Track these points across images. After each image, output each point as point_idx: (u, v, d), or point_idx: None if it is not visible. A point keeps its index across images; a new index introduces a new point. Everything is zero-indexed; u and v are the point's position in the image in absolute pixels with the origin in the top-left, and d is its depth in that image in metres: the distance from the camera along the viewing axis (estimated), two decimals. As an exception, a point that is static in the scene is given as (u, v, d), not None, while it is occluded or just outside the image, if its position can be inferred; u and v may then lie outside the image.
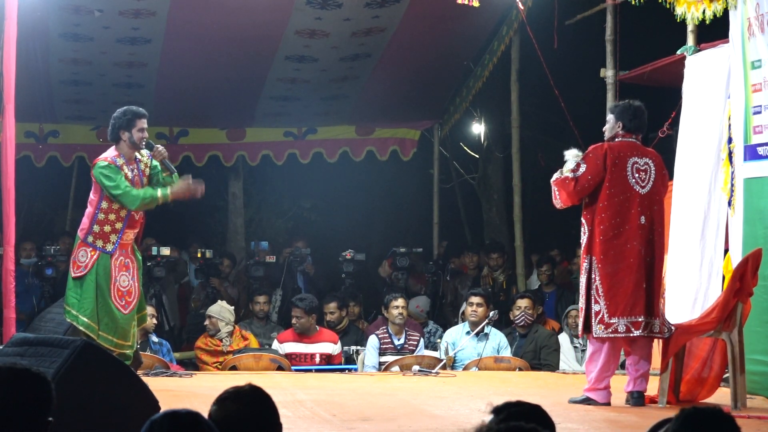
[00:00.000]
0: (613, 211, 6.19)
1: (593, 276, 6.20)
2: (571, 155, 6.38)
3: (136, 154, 6.97)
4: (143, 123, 6.93)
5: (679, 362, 6.40)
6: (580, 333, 6.49)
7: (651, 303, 6.19)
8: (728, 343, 6.22)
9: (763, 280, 6.51)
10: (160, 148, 6.98)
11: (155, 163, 7.03)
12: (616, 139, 6.38)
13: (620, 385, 6.43)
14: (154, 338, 8.76)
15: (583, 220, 6.31)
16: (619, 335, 6.16)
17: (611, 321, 6.15)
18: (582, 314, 6.28)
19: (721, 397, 6.51)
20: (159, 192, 6.85)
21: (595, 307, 6.18)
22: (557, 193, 6.37)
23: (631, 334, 6.15)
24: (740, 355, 6.20)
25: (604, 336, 6.17)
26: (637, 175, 6.26)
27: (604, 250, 6.17)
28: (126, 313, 6.84)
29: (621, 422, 5.66)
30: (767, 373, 6.75)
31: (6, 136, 7.19)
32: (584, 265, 6.26)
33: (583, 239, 6.29)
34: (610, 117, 6.50)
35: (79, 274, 6.83)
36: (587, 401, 6.23)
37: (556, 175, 6.38)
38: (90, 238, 6.84)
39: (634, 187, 6.24)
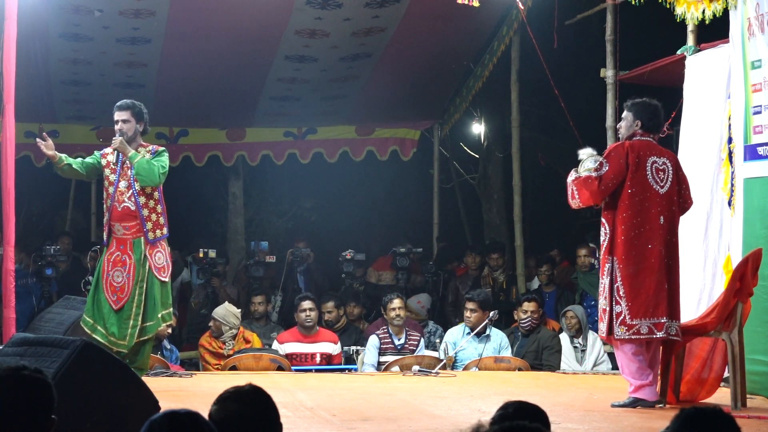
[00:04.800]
0: (634, 211, 6.11)
1: (615, 277, 6.12)
2: (587, 154, 6.31)
3: (139, 146, 7.06)
4: (115, 115, 7.09)
5: (679, 362, 6.39)
6: (605, 336, 6.29)
7: (672, 304, 6.13)
8: (728, 343, 6.22)
9: (763, 280, 6.51)
10: (115, 139, 7.01)
11: (159, 155, 7.05)
12: (635, 138, 6.28)
13: (624, 386, 6.43)
14: (167, 344, 8.81)
15: (604, 221, 6.22)
16: (641, 336, 6.07)
17: (633, 322, 6.06)
18: (606, 316, 6.15)
19: (721, 397, 6.51)
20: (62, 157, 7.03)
21: (616, 309, 6.10)
22: (576, 192, 6.25)
23: (654, 336, 6.08)
24: (740, 355, 6.20)
25: (626, 338, 6.09)
26: (656, 174, 6.17)
27: (625, 250, 6.09)
28: (116, 309, 6.83)
29: (621, 422, 5.66)
30: (767, 373, 6.75)
31: (6, 136, 7.19)
32: (606, 266, 6.16)
33: (604, 240, 6.20)
34: (627, 114, 6.34)
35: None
36: (635, 403, 6.10)
37: (573, 175, 6.30)
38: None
39: (654, 186, 6.16)
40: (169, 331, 8.88)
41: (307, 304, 9.17)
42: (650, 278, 6.10)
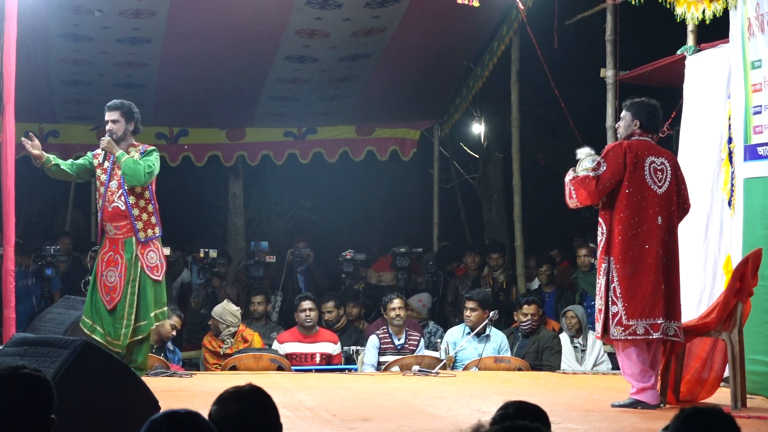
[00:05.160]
0: (631, 212, 6.09)
1: (611, 277, 6.10)
2: (585, 153, 6.29)
3: (130, 146, 7.05)
4: (105, 116, 7.09)
5: (679, 362, 6.39)
6: (599, 336, 6.28)
7: (669, 305, 6.11)
8: (728, 343, 6.21)
9: (763, 280, 6.51)
10: (103, 139, 7.03)
11: (147, 155, 7.02)
12: (633, 138, 6.26)
13: (624, 386, 6.42)
14: (170, 346, 8.82)
15: (601, 220, 6.20)
16: (637, 337, 6.06)
17: (630, 323, 6.04)
18: (601, 316, 6.14)
19: (721, 397, 6.51)
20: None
21: (612, 309, 6.08)
22: (574, 192, 6.23)
23: (650, 337, 6.05)
24: (740, 355, 6.20)
25: (622, 338, 6.07)
26: (654, 175, 6.15)
27: (622, 250, 6.07)
28: (109, 309, 6.82)
29: (621, 422, 5.66)
30: (767, 373, 6.75)
31: (6, 136, 7.18)
32: (602, 266, 6.15)
33: (601, 240, 6.18)
34: (626, 114, 6.32)
35: None
36: (635, 404, 6.10)
37: (571, 174, 6.28)
38: None
39: (652, 187, 6.13)
40: (173, 333, 8.88)
41: (307, 304, 9.18)
42: (647, 279, 6.08)
